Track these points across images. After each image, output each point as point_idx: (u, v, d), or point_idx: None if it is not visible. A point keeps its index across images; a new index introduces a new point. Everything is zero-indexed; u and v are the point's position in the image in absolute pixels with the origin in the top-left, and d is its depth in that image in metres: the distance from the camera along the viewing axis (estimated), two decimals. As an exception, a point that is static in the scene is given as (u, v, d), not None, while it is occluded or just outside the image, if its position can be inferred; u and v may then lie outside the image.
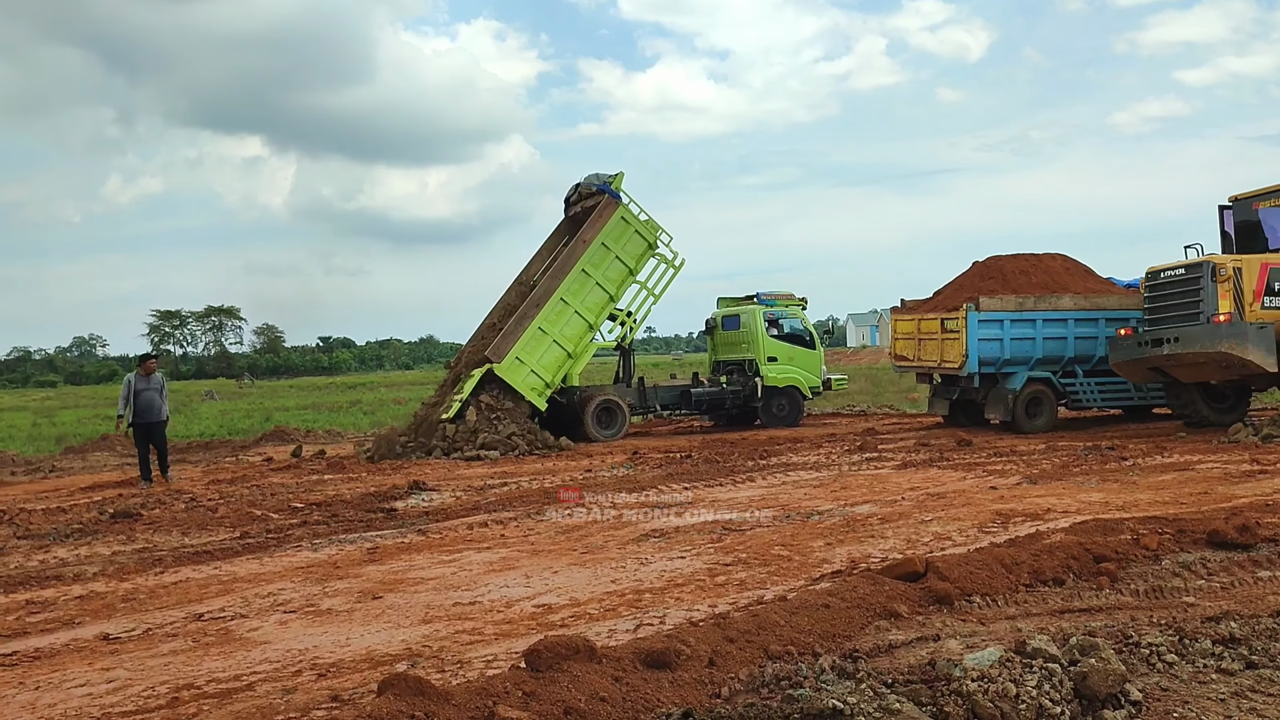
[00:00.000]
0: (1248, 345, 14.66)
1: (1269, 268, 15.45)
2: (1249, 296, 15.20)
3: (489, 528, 9.92)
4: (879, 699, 3.98)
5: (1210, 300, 15.14)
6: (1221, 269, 15.14)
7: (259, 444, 23.11)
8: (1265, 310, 15.24)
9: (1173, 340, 15.35)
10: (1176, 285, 15.92)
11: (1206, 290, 15.21)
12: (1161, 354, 15.59)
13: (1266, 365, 14.74)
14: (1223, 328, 14.80)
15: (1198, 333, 15.12)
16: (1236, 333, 14.73)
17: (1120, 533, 7.42)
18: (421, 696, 3.97)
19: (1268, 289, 15.39)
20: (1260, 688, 4.32)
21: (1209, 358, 15.00)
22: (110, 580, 8.18)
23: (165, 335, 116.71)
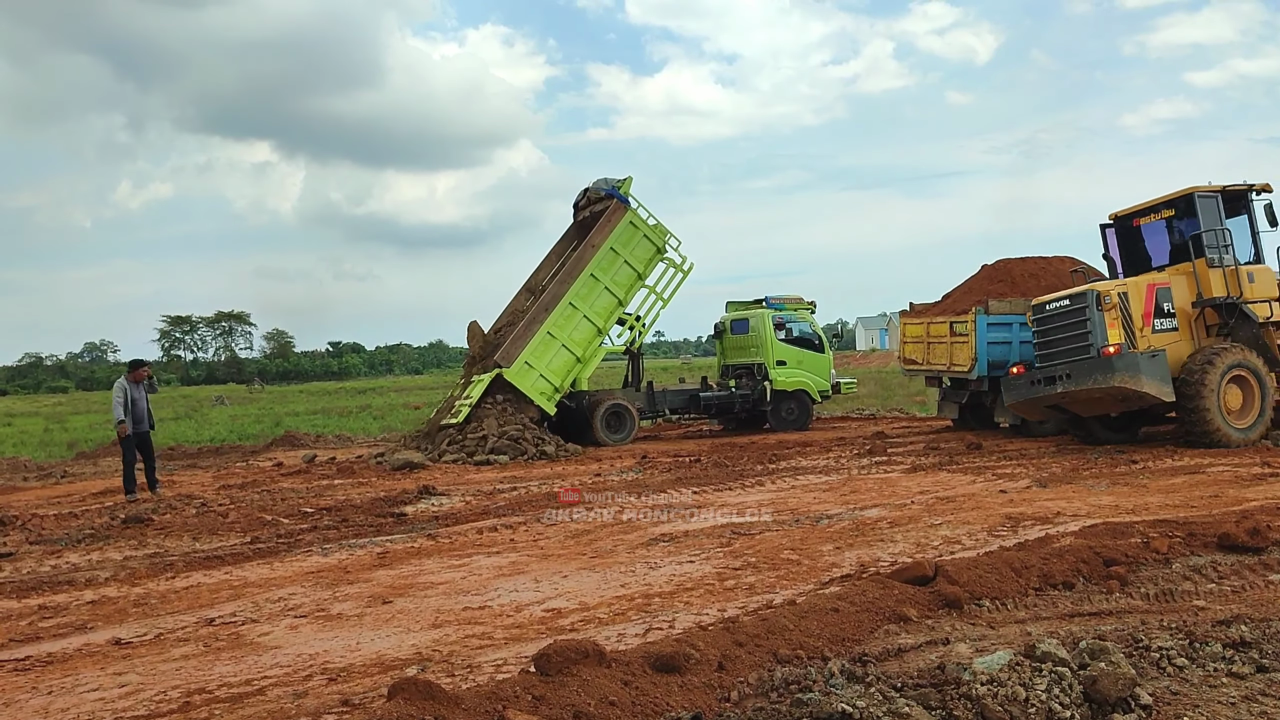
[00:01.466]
0: (1141, 376, 13.85)
1: (1155, 288, 14.76)
2: (1138, 321, 14.50)
3: (498, 532, 9.93)
4: (888, 703, 3.98)
5: (1098, 331, 14.35)
6: (1106, 296, 14.37)
7: (269, 449, 23.17)
8: (1156, 334, 14.54)
9: (1065, 377, 14.59)
10: (1063, 318, 15.04)
11: (1093, 320, 14.41)
12: (1055, 393, 14.81)
13: (1162, 395, 13.95)
14: (1114, 360, 13.96)
15: (1089, 367, 14.29)
16: (1128, 364, 13.91)
17: (1130, 536, 7.40)
18: (431, 700, 3.98)
19: (1156, 311, 14.68)
20: (1271, 691, 4.31)
21: (1104, 393, 14.23)
22: (122, 585, 8.22)
23: (175, 340, 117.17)
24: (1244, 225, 15.21)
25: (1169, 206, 15.25)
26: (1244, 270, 14.78)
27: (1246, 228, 15.19)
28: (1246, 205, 15.15)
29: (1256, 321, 14.66)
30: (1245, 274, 14.77)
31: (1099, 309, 14.33)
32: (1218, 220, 14.77)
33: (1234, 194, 15.07)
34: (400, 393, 53.55)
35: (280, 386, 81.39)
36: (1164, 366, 14.06)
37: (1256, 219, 15.09)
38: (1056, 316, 15.14)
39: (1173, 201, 15.15)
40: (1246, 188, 15.08)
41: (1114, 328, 14.25)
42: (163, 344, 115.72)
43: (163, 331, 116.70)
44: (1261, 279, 14.95)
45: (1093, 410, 15.19)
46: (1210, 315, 14.93)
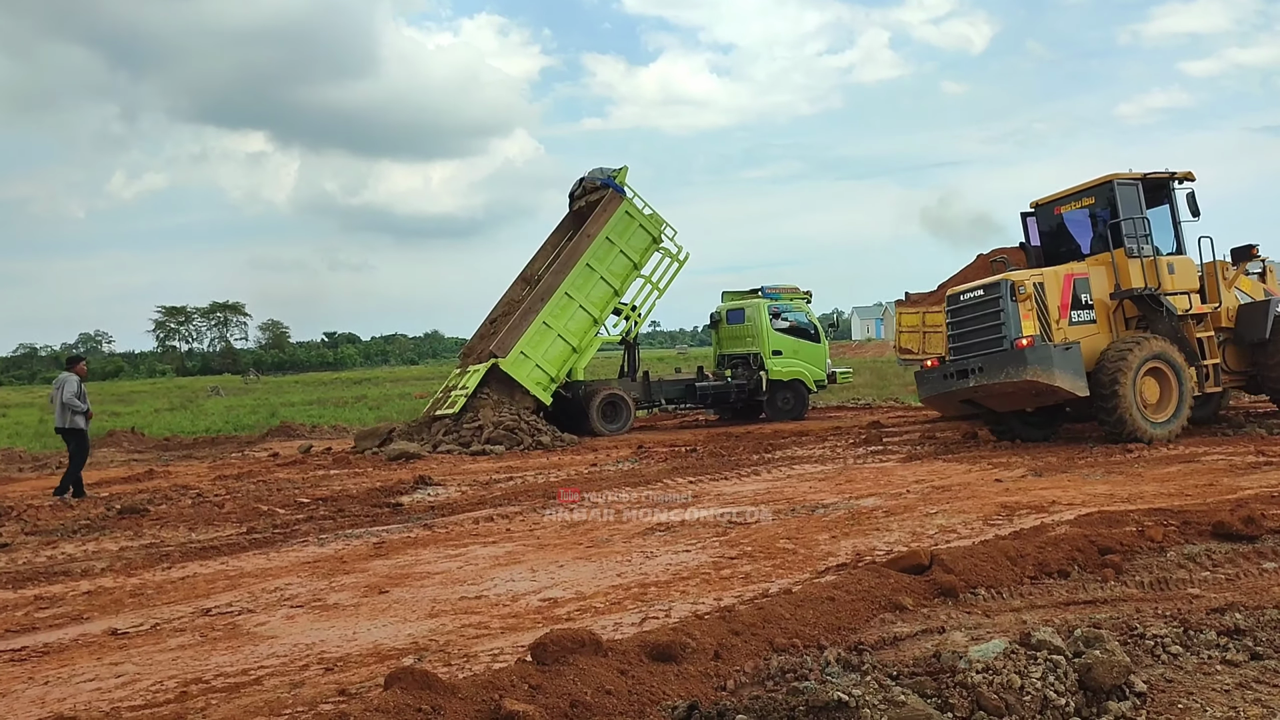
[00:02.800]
0: (1054, 370, 13.33)
1: (1073, 279, 14.29)
2: (1054, 313, 13.99)
3: (494, 522, 9.94)
4: (884, 691, 3.99)
5: (1012, 322, 13.79)
6: (1021, 287, 13.84)
7: (265, 440, 23.18)
8: (1073, 326, 14.07)
9: (977, 371, 13.99)
10: (976, 308, 14.46)
11: (1007, 311, 13.84)
12: (968, 386, 14.23)
13: (1076, 390, 13.45)
14: (1026, 353, 13.41)
15: (1001, 360, 13.70)
16: (1041, 357, 13.36)
17: (1125, 525, 7.41)
18: (428, 690, 3.98)
19: (1073, 302, 14.19)
20: (1265, 679, 4.32)
21: (1016, 387, 13.66)
22: (118, 576, 8.22)
23: (170, 331, 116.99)
24: (1166, 215, 14.87)
25: (1089, 194, 14.92)
26: (1164, 261, 14.41)
27: (1168, 217, 14.85)
28: (1168, 194, 14.81)
29: (1175, 314, 14.29)
30: (1165, 265, 14.39)
31: (1013, 299, 13.83)
32: (1138, 209, 14.41)
33: (1155, 182, 14.71)
34: (396, 383, 53.54)
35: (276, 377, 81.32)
36: (1078, 360, 13.60)
37: (1178, 208, 14.73)
38: (970, 307, 14.61)
39: (1093, 189, 14.81)
40: (1168, 176, 14.71)
41: (1028, 319, 13.78)
42: (158, 334, 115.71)
43: (158, 322, 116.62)
44: (1182, 270, 14.58)
45: (1007, 405, 14.70)
46: (1129, 307, 14.57)
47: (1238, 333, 15.12)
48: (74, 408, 13.62)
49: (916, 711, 3.85)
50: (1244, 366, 15.28)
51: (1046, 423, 15.39)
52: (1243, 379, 15.47)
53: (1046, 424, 15.42)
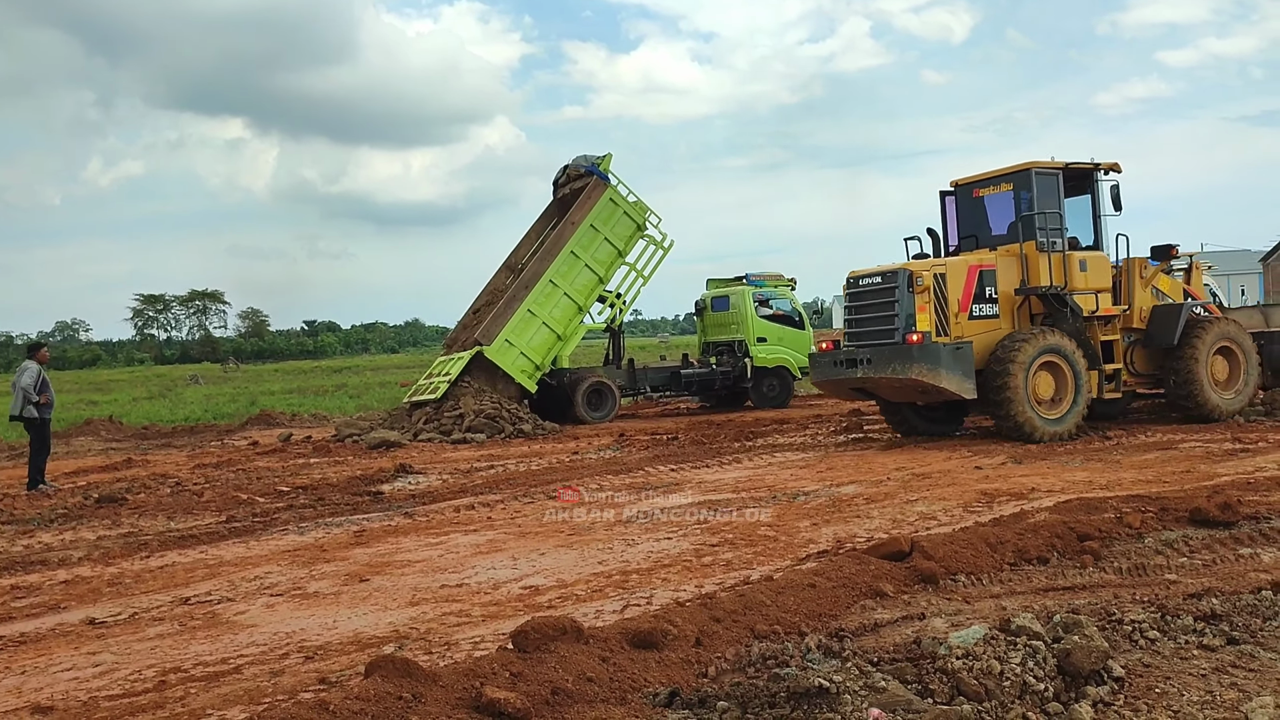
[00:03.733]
0: (940, 370, 12.73)
1: (979, 270, 13.54)
2: (954, 306, 13.26)
3: (476, 510, 9.93)
4: (865, 677, 4.00)
5: (905, 315, 13.16)
6: (919, 278, 13.10)
7: (244, 428, 23.07)
8: (974, 320, 13.38)
9: (865, 362, 13.43)
10: (873, 295, 13.77)
11: (902, 303, 13.20)
12: (855, 377, 13.72)
13: (962, 392, 12.89)
14: (914, 350, 12.84)
15: (889, 354, 13.15)
16: (928, 356, 12.77)
17: (1104, 511, 7.46)
18: (409, 678, 3.97)
19: (978, 295, 13.48)
20: (1241, 663, 4.36)
21: (903, 383, 13.13)
22: (96, 565, 8.16)
23: (149, 319, 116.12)
24: (1087, 207, 14.33)
25: (1008, 180, 14.15)
26: (1076, 257, 13.74)
27: (1089, 210, 14.31)
28: (1092, 186, 14.25)
29: (1081, 314, 13.73)
30: (1077, 261, 13.73)
31: (910, 290, 13.15)
32: (1055, 200, 13.72)
33: (1078, 172, 14.10)
34: (376, 372, 53.32)
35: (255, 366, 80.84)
36: (968, 360, 12.96)
37: (1101, 201, 14.19)
38: (868, 294, 13.92)
39: (1012, 175, 14.05)
40: (1092, 166, 14.13)
41: (924, 312, 13.07)
42: (136, 323, 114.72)
43: (136, 310, 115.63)
44: (1095, 267, 13.93)
45: (899, 397, 14.15)
46: (1036, 303, 13.91)
47: (1149, 335, 14.52)
48: (28, 397, 13.34)
49: (897, 697, 3.86)
50: (1153, 369, 14.65)
51: (947, 418, 14.81)
52: (1150, 382, 14.87)
53: (947, 419, 14.85)
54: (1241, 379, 14.66)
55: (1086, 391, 13.40)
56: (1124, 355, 14.40)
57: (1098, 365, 13.82)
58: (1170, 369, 14.34)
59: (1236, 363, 14.69)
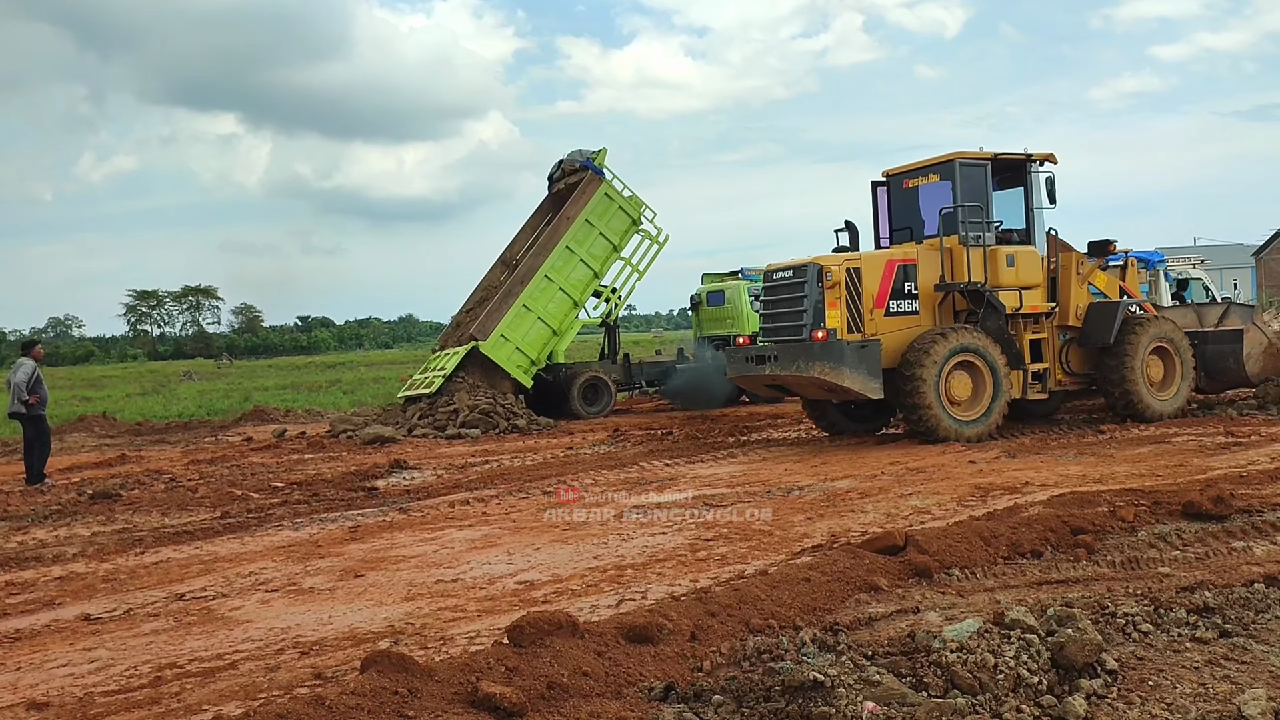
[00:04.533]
0: (843, 369, 12.27)
1: (897, 265, 13.09)
2: (869, 302, 12.79)
3: (471, 505, 9.93)
4: (859, 671, 4.02)
5: (813, 310, 12.69)
6: (828, 272, 12.62)
7: (238, 424, 23.03)
8: (890, 317, 12.95)
9: (773, 359, 13.08)
10: (786, 290, 13.30)
11: (810, 298, 12.73)
12: (764, 373, 13.36)
13: (867, 391, 12.44)
14: (816, 347, 12.41)
15: (794, 351, 12.74)
16: (830, 353, 12.32)
17: (1097, 505, 7.48)
18: (405, 673, 3.98)
19: (896, 291, 13.02)
20: (1234, 656, 4.38)
21: (809, 380, 12.68)
22: (90, 561, 8.16)
23: (142, 315, 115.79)
24: (1019, 200, 13.82)
25: (935, 171, 13.61)
26: (1003, 252, 13.24)
27: (1021, 202, 13.80)
28: (1025, 177, 13.72)
29: (1003, 312, 13.22)
30: (1004, 256, 13.23)
31: (819, 285, 12.68)
32: (982, 193, 13.22)
33: (1009, 163, 13.62)
34: (370, 367, 53.27)
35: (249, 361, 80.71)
36: (874, 358, 12.53)
37: (1034, 194, 13.69)
38: (781, 288, 13.45)
39: (938, 166, 13.54)
40: (1024, 157, 13.63)
41: (834, 308, 12.59)
42: (128, 319, 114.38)
43: (129, 306, 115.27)
44: (1024, 263, 13.43)
45: (814, 394, 13.67)
46: (960, 300, 13.44)
47: (1084, 333, 14.08)
48: (18, 394, 13.34)
49: (891, 691, 3.88)
50: (1089, 369, 14.25)
51: (872, 416, 14.27)
52: (1085, 382, 14.43)
53: (872, 417, 14.32)
54: (1177, 380, 14.29)
55: (1006, 392, 12.95)
56: (1059, 354, 14.06)
57: (1021, 364, 13.38)
58: (1105, 369, 13.97)
59: (1172, 364, 14.31)
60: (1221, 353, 14.96)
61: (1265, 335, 15.21)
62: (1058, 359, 14.08)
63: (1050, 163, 13.71)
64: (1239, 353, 14.77)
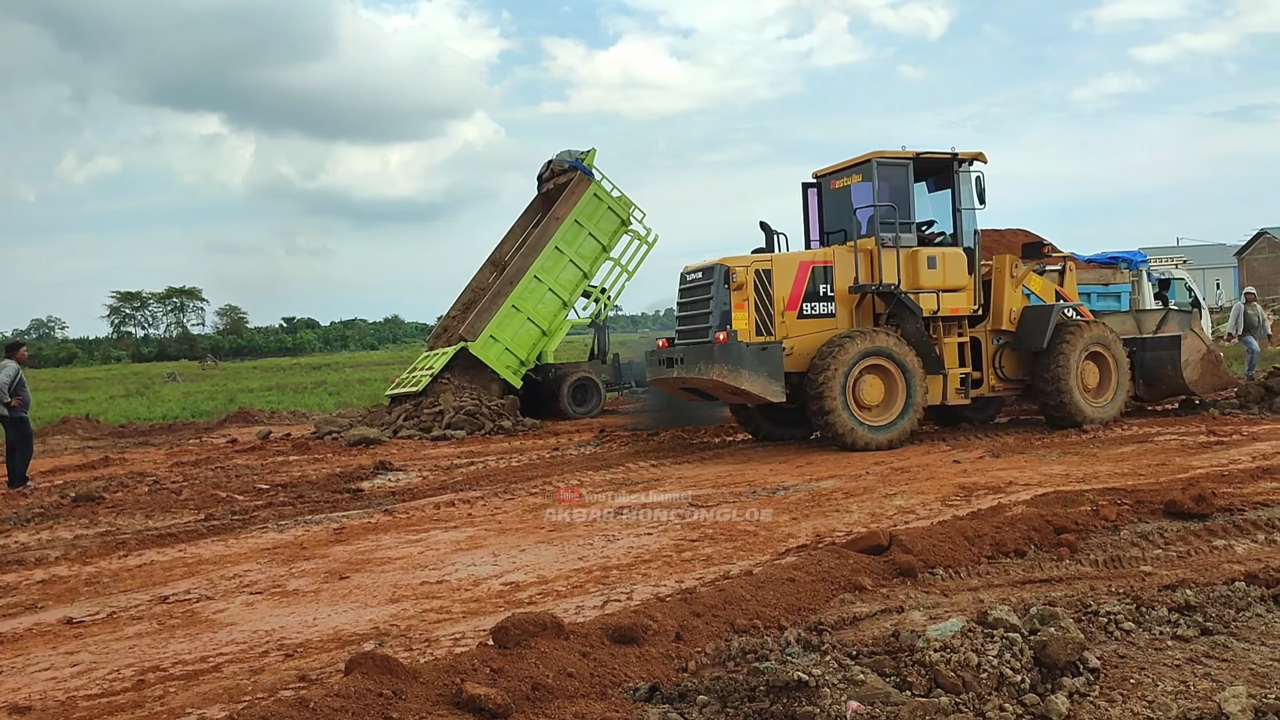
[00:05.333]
0: (742, 372, 12.02)
1: (811, 267, 12.84)
2: (780, 304, 12.54)
3: (456, 507, 9.91)
4: (843, 670, 4.03)
5: (719, 312, 12.43)
6: (734, 274, 12.39)
7: (223, 426, 22.94)
8: (804, 319, 12.71)
9: (680, 361, 12.78)
10: (696, 292, 13.07)
11: (717, 299, 12.47)
12: (673, 376, 13.06)
13: (768, 395, 12.22)
14: (716, 349, 12.13)
15: (698, 353, 12.47)
16: (730, 356, 12.04)
17: (1080, 504, 7.52)
18: (389, 675, 3.97)
19: (809, 293, 12.77)
20: (1215, 654, 4.41)
21: (713, 384, 12.36)
22: (73, 564, 8.11)
23: (126, 317, 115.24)
24: (947, 200, 13.56)
25: (857, 171, 13.32)
26: (924, 253, 12.98)
27: (949, 203, 13.51)
28: (952, 177, 13.44)
29: (919, 315, 12.88)
30: (924, 258, 12.96)
31: (726, 286, 12.43)
32: (904, 193, 13.00)
33: (934, 162, 13.42)
34: (356, 368, 53.13)
35: (234, 363, 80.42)
36: (776, 361, 12.27)
37: (962, 194, 13.37)
38: (692, 289, 13.22)
39: (859, 166, 13.26)
40: (951, 156, 13.34)
41: (741, 310, 12.34)
42: (112, 320, 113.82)
43: (112, 308, 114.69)
44: (948, 265, 13.13)
45: (726, 398, 13.30)
46: (879, 302, 13.14)
47: (1018, 337, 13.76)
48: (1, 397, 13.22)
49: (875, 690, 3.89)
50: (1023, 374, 13.92)
51: (800, 420, 13.65)
52: (1019, 387, 14.11)
53: (800, 422, 13.74)
54: (1113, 387, 13.96)
55: (920, 397, 12.67)
56: (992, 359, 13.80)
57: (940, 369, 13.11)
58: (1039, 374, 13.64)
59: (1108, 369, 13.98)
60: (1160, 359, 14.59)
61: (1204, 342, 14.91)
62: (991, 364, 13.79)
63: (980, 162, 13.45)
64: (1176, 359, 14.37)
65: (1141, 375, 14.64)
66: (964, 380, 13.42)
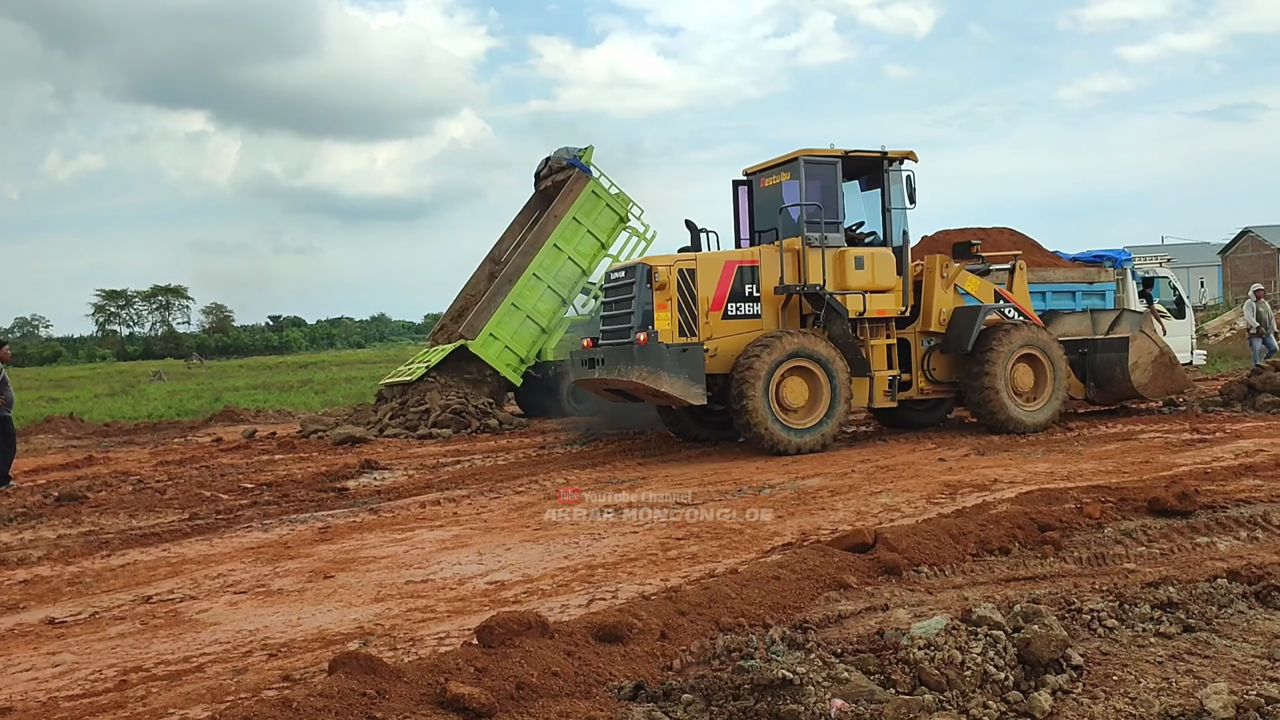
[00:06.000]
0: (661, 374, 11.68)
1: (737, 267, 12.53)
2: (704, 305, 12.25)
3: (441, 505, 9.89)
4: (828, 668, 4.04)
5: (641, 313, 12.13)
6: (656, 273, 12.09)
7: (208, 425, 22.84)
8: (729, 320, 12.40)
9: (601, 362, 12.55)
10: (619, 291, 12.81)
11: (638, 299, 12.18)
12: (595, 377, 12.80)
13: (689, 398, 11.88)
14: (635, 350, 11.85)
15: (618, 354, 12.22)
16: (649, 357, 11.73)
17: (1064, 502, 7.55)
18: (373, 674, 3.96)
19: (734, 294, 12.46)
20: (1197, 650, 4.43)
21: (634, 386, 12.06)
22: (55, 564, 8.06)
23: (110, 315, 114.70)
24: (876, 199, 13.34)
25: (785, 169, 13.03)
26: (851, 253, 12.66)
27: (879, 202, 13.27)
28: (882, 176, 13.16)
29: (845, 316, 12.54)
30: (852, 258, 12.63)
31: (648, 286, 12.11)
32: (832, 192, 12.70)
33: (863, 161, 13.08)
34: (342, 367, 52.97)
35: (219, 361, 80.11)
36: (697, 363, 11.92)
37: (891, 193, 13.09)
38: (616, 289, 12.98)
39: (787, 164, 12.98)
40: (880, 155, 13.04)
41: (664, 310, 12.01)
42: (97, 319, 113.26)
43: (97, 306, 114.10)
44: (876, 266, 12.79)
45: (651, 400, 12.89)
46: (807, 304, 12.83)
47: (946, 339, 13.48)
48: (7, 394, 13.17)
49: (859, 688, 3.90)
50: (954, 376, 13.60)
51: (728, 421, 12.98)
52: (950, 390, 13.83)
53: (728, 424, 13.13)
54: (1048, 390, 13.54)
55: (845, 401, 12.34)
56: (921, 361, 13.51)
57: (866, 371, 12.79)
58: (967, 377, 13.31)
59: (1043, 372, 13.56)
60: (1109, 361, 14.19)
61: (1156, 345, 14.37)
62: (920, 366, 13.53)
63: (911, 161, 13.14)
64: (1124, 361, 13.93)
65: (1092, 378, 14.34)
66: (892, 383, 13.12)
